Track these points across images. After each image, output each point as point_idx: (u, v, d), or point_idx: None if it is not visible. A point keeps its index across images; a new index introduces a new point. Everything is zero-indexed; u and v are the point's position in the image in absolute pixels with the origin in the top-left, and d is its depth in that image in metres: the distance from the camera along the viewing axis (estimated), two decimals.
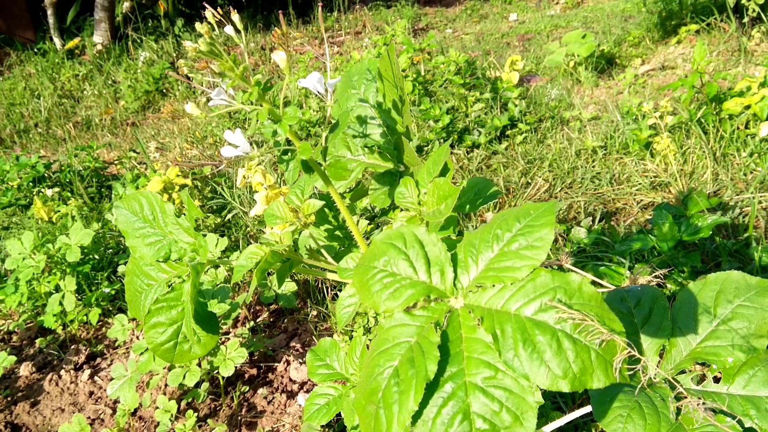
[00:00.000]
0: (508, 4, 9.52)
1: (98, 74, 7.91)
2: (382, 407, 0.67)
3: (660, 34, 6.08)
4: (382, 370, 0.68)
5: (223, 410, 2.41)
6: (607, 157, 3.59)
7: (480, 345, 0.67)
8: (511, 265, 0.70)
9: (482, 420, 0.65)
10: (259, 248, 0.88)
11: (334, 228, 1.01)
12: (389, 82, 0.97)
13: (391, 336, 0.70)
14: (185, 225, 0.96)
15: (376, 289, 0.73)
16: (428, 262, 0.73)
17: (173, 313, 0.96)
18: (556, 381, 0.64)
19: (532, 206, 0.73)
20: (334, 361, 1.04)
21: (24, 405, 2.60)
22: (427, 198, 0.86)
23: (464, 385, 0.66)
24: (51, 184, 4.09)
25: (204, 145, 5.01)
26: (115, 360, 2.80)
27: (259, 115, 0.81)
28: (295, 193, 0.95)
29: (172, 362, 0.98)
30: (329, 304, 2.74)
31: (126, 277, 1.02)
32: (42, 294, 2.95)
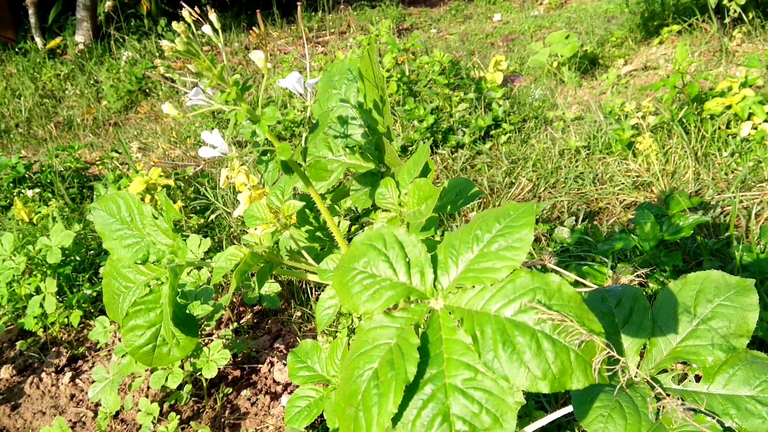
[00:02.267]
0: (493, 4, 9.55)
1: (80, 74, 7.83)
2: (362, 410, 0.66)
3: (642, 35, 6.13)
4: (361, 372, 0.68)
5: (206, 412, 2.39)
6: (590, 157, 3.61)
7: (460, 346, 0.67)
8: (491, 266, 0.70)
9: (462, 422, 0.65)
10: (239, 249, 0.87)
11: (315, 229, 1.01)
12: (370, 82, 0.97)
13: (370, 338, 0.70)
14: (163, 227, 0.95)
15: (356, 290, 0.72)
16: (408, 263, 0.72)
17: (152, 316, 0.95)
18: (535, 382, 0.64)
19: (512, 207, 0.73)
20: (315, 363, 1.03)
21: (4, 408, 2.56)
22: (407, 199, 0.86)
23: (444, 387, 0.66)
24: (32, 185, 4.04)
25: (187, 145, 4.98)
26: (96, 362, 2.77)
27: (238, 115, 0.80)
28: (275, 194, 0.95)
29: (151, 365, 0.97)
30: (313, 305, 2.73)
31: (104, 280, 1.00)
32: (22, 296, 2.92)
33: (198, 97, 0.80)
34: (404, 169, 0.89)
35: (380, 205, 0.88)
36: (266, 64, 0.79)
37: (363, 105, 0.99)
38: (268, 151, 0.85)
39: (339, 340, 1.01)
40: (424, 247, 0.72)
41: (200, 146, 3.49)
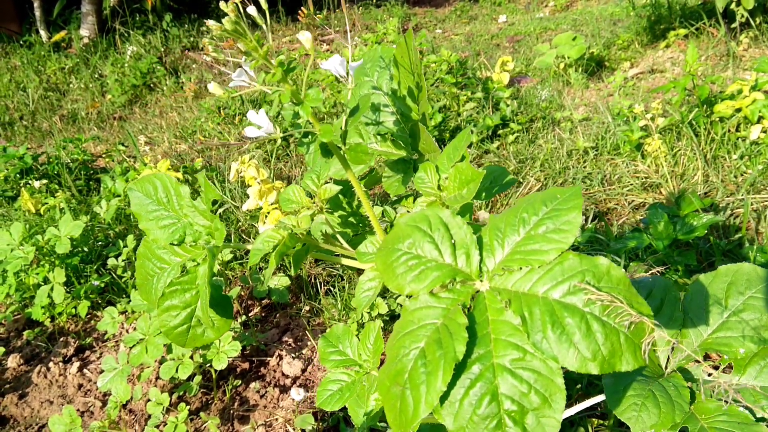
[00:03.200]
0: (498, 6, 9.56)
1: (85, 68, 7.83)
2: (409, 388, 0.66)
3: (649, 38, 6.14)
4: (407, 352, 0.68)
5: (215, 404, 2.39)
6: (598, 158, 3.62)
7: (507, 327, 0.67)
8: (538, 248, 0.70)
9: (510, 401, 0.65)
10: (277, 232, 0.87)
11: (347, 214, 1.01)
12: (406, 69, 0.97)
13: (416, 318, 0.70)
14: (201, 208, 0.95)
15: (400, 271, 0.72)
16: (454, 245, 0.72)
17: (187, 297, 0.95)
18: (585, 363, 0.64)
19: (558, 190, 0.73)
20: (346, 348, 1.03)
21: (12, 397, 2.56)
22: (448, 183, 0.86)
23: (492, 366, 0.66)
24: (38, 176, 4.03)
25: (193, 140, 4.97)
26: (104, 353, 2.77)
27: (282, 96, 0.80)
28: (311, 177, 0.95)
29: (185, 346, 0.97)
30: (322, 300, 2.73)
31: (137, 261, 1.00)
32: (30, 286, 2.91)
33: (241, 77, 0.80)
34: (443, 154, 0.89)
35: (419, 189, 0.89)
36: (313, 45, 0.79)
37: (397, 92, 1.00)
38: (309, 133, 0.85)
39: (371, 325, 1.02)
40: (470, 228, 0.73)
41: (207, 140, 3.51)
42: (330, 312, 2.67)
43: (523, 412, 0.64)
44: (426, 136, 0.93)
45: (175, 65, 7.70)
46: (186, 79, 7.15)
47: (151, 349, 2.23)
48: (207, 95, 6.43)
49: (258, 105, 5.30)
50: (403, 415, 0.66)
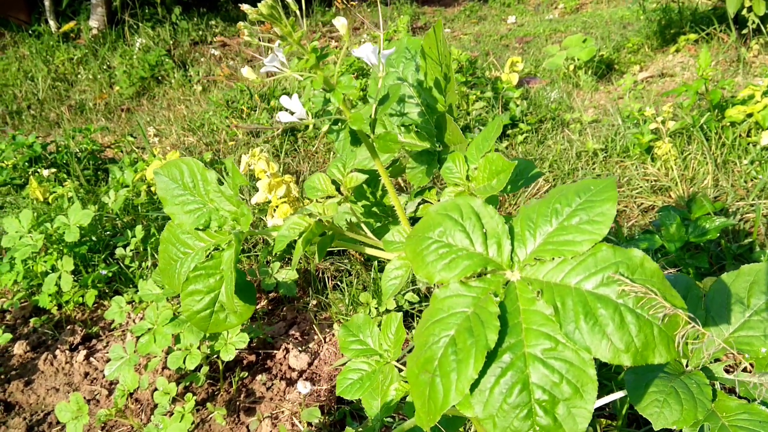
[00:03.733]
0: (507, 6, 9.55)
1: (93, 59, 7.83)
2: (439, 375, 0.66)
3: (659, 42, 6.13)
4: (437, 339, 0.68)
5: (221, 395, 2.39)
6: (607, 160, 3.61)
7: (539, 317, 0.67)
8: (571, 239, 0.70)
9: (542, 391, 0.65)
10: (303, 219, 0.87)
11: (371, 204, 1.00)
12: (433, 60, 0.97)
13: (446, 306, 0.70)
14: (228, 193, 0.95)
15: (430, 259, 0.72)
16: (485, 234, 0.72)
17: (211, 282, 0.95)
18: (618, 354, 0.64)
19: (591, 182, 0.73)
20: (367, 337, 1.03)
21: (18, 384, 2.56)
22: (477, 173, 0.86)
23: (523, 355, 0.66)
24: (47, 165, 4.04)
25: (202, 132, 4.97)
26: (110, 342, 2.77)
27: (314, 82, 0.80)
28: (337, 166, 0.95)
29: (207, 331, 0.97)
30: (330, 294, 2.73)
31: (161, 245, 1.00)
32: (38, 273, 2.92)
33: (273, 63, 0.80)
34: (472, 145, 0.89)
35: (447, 179, 0.89)
36: (348, 32, 0.79)
37: (423, 83, 1.00)
38: (339, 120, 0.85)
39: (393, 315, 1.02)
40: (502, 218, 0.72)
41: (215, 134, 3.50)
42: (337, 307, 2.67)
43: (554, 402, 0.64)
44: (453, 127, 0.93)
45: (184, 58, 7.70)
46: (194, 72, 7.15)
47: (159, 338, 2.23)
48: (241, 78, 6.44)
49: (267, 100, 5.30)
50: (432, 402, 0.66)
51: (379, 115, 0.87)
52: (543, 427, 0.64)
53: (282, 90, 5.53)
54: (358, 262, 2.85)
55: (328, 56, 0.78)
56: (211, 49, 8.08)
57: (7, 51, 8.27)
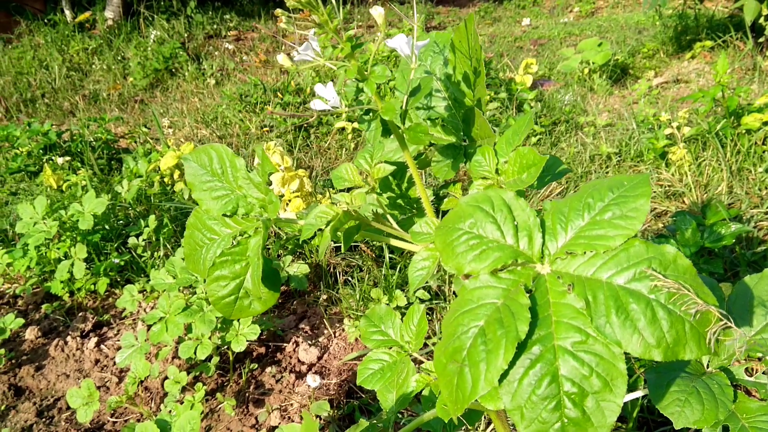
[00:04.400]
0: (522, 8, 9.53)
1: (108, 49, 7.86)
2: (468, 365, 0.66)
3: (674, 48, 6.11)
4: (466, 330, 0.68)
5: (230, 386, 2.40)
6: (621, 164, 3.60)
7: (569, 310, 0.67)
8: (603, 234, 0.70)
9: (571, 383, 0.65)
10: (330, 208, 0.87)
11: (396, 196, 1.01)
12: (463, 54, 0.97)
13: (475, 297, 0.70)
14: (256, 180, 0.96)
15: (460, 250, 0.73)
16: (516, 226, 0.72)
17: (237, 268, 0.95)
18: (649, 350, 0.64)
19: (625, 177, 0.73)
20: (388, 328, 1.04)
21: (28, 368, 2.58)
22: (507, 167, 0.86)
23: (553, 348, 0.66)
24: (61, 153, 4.06)
25: (215, 125, 4.99)
26: (121, 330, 2.79)
27: (348, 71, 0.80)
28: (364, 157, 0.95)
29: (231, 317, 0.97)
30: (341, 289, 2.73)
31: (187, 231, 1.01)
32: (51, 260, 2.93)
33: (307, 51, 0.80)
34: (502, 139, 0.89)
35: (476, 172, 0.89)
36: (384, 22, 0.79)
37: (451, 77, 1.00)
38: (370, 110, 0.86)
39: (416, 307, 1.02)
40: (534, 211, 0.73)
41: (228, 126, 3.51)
42: (348, 302, 2.67)
43: (584, 394, 0.64)
44: (481, 122, 0.93)
45: (198, 51, 7.72)
46: (208, 65, 7.17)
47: (171, 327, 2.24)
48: (276, 65, 6.48)
49: (281, 95, 5.31)
50: (460, 391, 0.66)
51: (412, 106, 0.87)
52: (571, 419, 0.65)
53: (296, 85, 5.54)
54: (370, 258, 2.85)
55: (362, 46, 0.79)
56: (225, 42, 8.10)
57: (22, 39, 8.31)
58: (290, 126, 4.75)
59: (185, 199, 3.40)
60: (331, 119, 4.99)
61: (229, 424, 2.23)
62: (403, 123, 0.89)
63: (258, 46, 7.87)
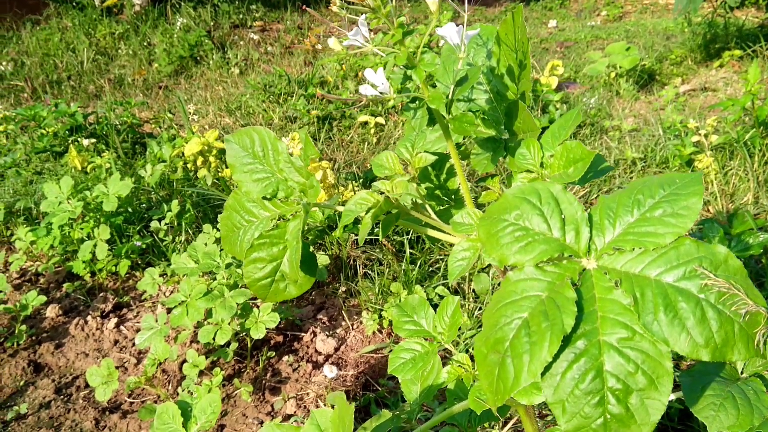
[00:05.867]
0: (549, 10, 9.47)
1: (134, 35, 7.91)
2: (510, 356, 0.66)
3: (702, 56, 6.04)
4: (509, 321, 0.68)
5: (247, 373, 2.41)
6: (646, 170, 3.57)
7: (616, 306, 0.67)
8: (653, 231, 0.69)
9: (615, 379, 0.64)
10: (370, 195, 0.87)
11: (434, 187, 1.01)
12: (508, 47, 0.96)
13: (519, 289, 0.70)
14: (298, 164, 0.96)
15: (505, 241, 0.72)
16: (563, 220, 0.72)
17: (274, 251, 0.96)
18: (696, 349, 0.63)
19: (676, 175, 0.73)
20: (421, 318, 1.04)
21: (48, 345, 2.61)
22: (552, 161, 0.85)
23: (598, 343, 0.66)
24: (87, 135, 4.09)
25: (238, 114, 5.01)
26: (140, 312, 2.81)
27: (397, 58, 0.80)
28: (405, 146, 0.95)
29: (266, 300, 0.98)
30: (360, 282, 2.73)
31: (224, 212, 1.02)
32: (74, 240, 2.96)
33: (356, 37, 0.80)
34: (548, 132, 0.89)
35: (520, 165, 0.88)
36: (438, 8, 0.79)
37: (495, 70, 0.99)
38: (417, 98, 0.85)
39: (450, 299, 1.02)
40: (581, 205, 0.72)
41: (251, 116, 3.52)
42: (366, 295, 2.67)
43: (628, 391, 0.64)
44: (525, 115, 0.93)
45: (223, 40, 7.75)
46: (232, 55, 7.20)
47: (192, 311, 2.25)
48: (327, 49, 6.56)
49: (305, 87, 5.32)
50: (501, 382, 0.66)
51: (459, 95, 0.87)
52: (614, 415, 0.64)
53: (320, 78, 5.55)
54: (390, 253, 2.85)
55: (413, 33, 0.78)
56: (250, 33, 8.12)
57: (50, 21, 8.38)
58: (313, 118, 4.75)
59: (208, 186, 3.42)
60: (354, 113, 4.99)
61: (245, 410, 2.24)
62: (448, 113, 0.89)
63: (283, 37, 7.88)
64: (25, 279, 3.05)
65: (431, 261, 2.82)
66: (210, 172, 3.50)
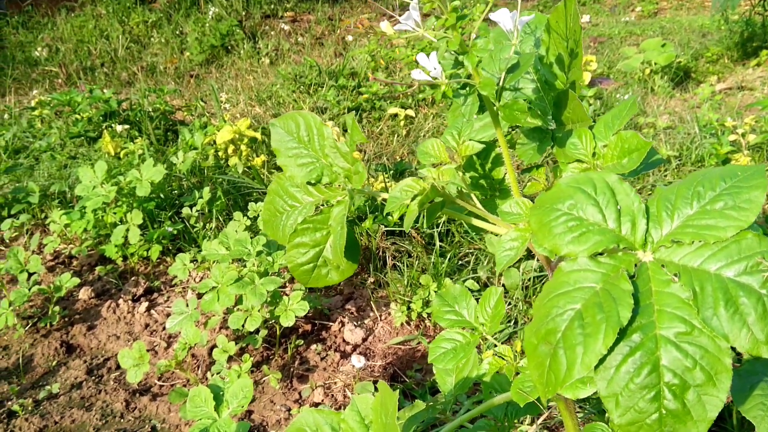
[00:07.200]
0: (582, 5, 9.34)
1: (167, 23, 7.98)
2: (563, 347, 0.65)
3: (739, 54, 5.93)
4: (561, 312, 0.67)
5: (275, 360, 2.43)
6: (681, 168, 3.51)
7: (674, 300, 0.65)
8: (713, 224, 0.67)
9: (672, 374, 0.63)
10: (416, 182, 0.86)
11: (479, 176, 1.00)
12: (559, 35, 0.95)
13: (572, 280, 0.69)
14: (344, 149, 0.95)
15: (558, 231, 0.71)
16: (619, 211, 0.71)
17: (317, 236, 0.95)
18: (757, 345, 0.62)
19: (738, 167, 0.71)
20: (463, 309, 1.03)
21: (80, 327, 2.65)
22: (606, 151, 0.84)
23: (654, 337, 0.64)
24: (120, 121, 4.14)
25: (269, 104, 5.03)
26: (171, 297, 2.83)
27: (450, 43, 0.79)
28: (451, 133, 0.94)
29: (307, 285, 0.98)
30: (389, 273, 2.73)
31: (268, 197, 1.01)
32: (107, 224, 3.00)
33: (407, 21, 0.79)
34: (601, 122, 0.87)
35: (570, 155, 0.87)
36: None
37: (543, 59, 0.98)
38: (467, 84, 0.84)
39: (493, 289, 1.01)
40: (639, 196, 0.71)
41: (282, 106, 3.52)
42: (395, 286, 2.67)
43: (685, 387, 0.62)
44: (575, 105, 0.91)
45: (254, 30, 7.78)
46: (263, 45, 7.22)
47: (223, 297, 2.26)
48: (379, 32, 6.64)
49: (335, 78, 5.32)
50: (553, 374, 0.65)
51: (510, 83, 0.86)
52: (670, 410, 0.63)
53: (350, 69, 5.55)
54: (419, 245, 2.84)
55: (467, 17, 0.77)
56: (281, 23, 8.14)
57: (85, 9, 8.49)
58: (343, 109, 4.76)
59: (239, 174, 3.43)
60: (384, 105, 4.98)
61: (273, 396, 2.25)
62: (498, 100, 0.88)
63: (314, 28, 7.89)
64: (58, 261, 3.10)
65: (460, 254, 2.81)
66: (241, 161, 3.52)
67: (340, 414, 0.90)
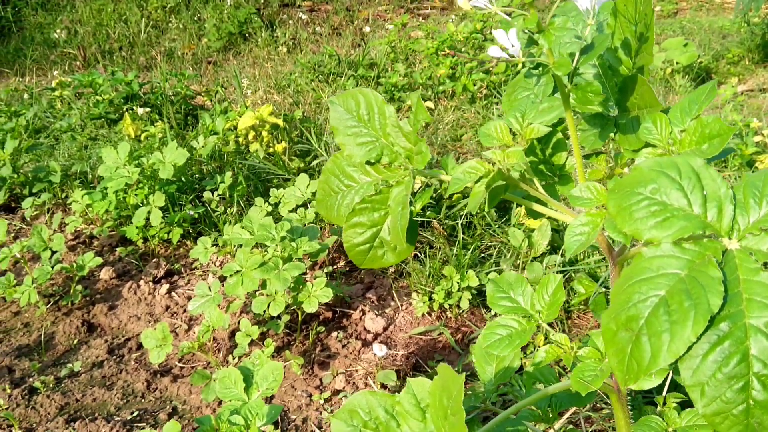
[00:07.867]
0: None
1: (185, 9, 7.96)
2: (646, 334, 0.63)
3: (761, 56, 5.88)
4: (644, 298, 0.65)
5: (296, 346, 2.42)
6: None
7: (763, 289, 0.64)
8: None
9: (762, 365, 0.61)
10: (480, 164, 0.85)
11: (539, 161, 0.98)
12: (626, 19, 0.93)
13: (654, 266, 0.67)
14: (406, 129, 0.94)
15: (640, 215, 0.69)
16: (705, 196, 0.69)
17: (375, 216, 0.94)
18: None
19: None
20: (518, 295, 1.01)
21: (102, 307, 2.65)
22: (684, 136, 0.82)
23: (743, 326, 0.63)
24: (141, 104, 4.13)
25: (288, 92, 5.01)
26: (191, 280, 2.83)
27: (526, 21, 0.77)
28: (515, 116, 0.92)
29: (362, 265, 0.96)
30: (410, 263, 2.71)
31: (322, 176, 1.00)
32: (129, 205, 2.99)
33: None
34: (676, 107, 0.85)
35: (645, 139, 0.85)
36: None
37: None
38: (541, 64, 0.82)
39: (552, 276, 0.99)
40: (725, 182, 0.69)
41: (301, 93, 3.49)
42: (417, 277, 2.65)
43: None
44: (644, 90, 0.89)
45: (272, 18, 7.76)
46: (281, 33, 7.20)
47: (247, 281, 2.25)
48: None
49: (354, 67, 5.29)
50: (635, 361, 0.64)
51: (584, 64, 0.84)
52: (758, 401, 0.61)
53: (369, 59, 5.52)
54: (442, 236, 2.82)
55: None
56: (299, 12, 8.11)
57: None
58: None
59: (260, 159, 3.42)
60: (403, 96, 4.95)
61: (294, 382, 2.25)
62: (570, 82, 0.86)
63: (332, 18, 7.86)
64: (79, 241, 3.10)
65: (483, 247, 2.79)
66: (262, 147, 3.50)
67: (394, 397, 0.89)
